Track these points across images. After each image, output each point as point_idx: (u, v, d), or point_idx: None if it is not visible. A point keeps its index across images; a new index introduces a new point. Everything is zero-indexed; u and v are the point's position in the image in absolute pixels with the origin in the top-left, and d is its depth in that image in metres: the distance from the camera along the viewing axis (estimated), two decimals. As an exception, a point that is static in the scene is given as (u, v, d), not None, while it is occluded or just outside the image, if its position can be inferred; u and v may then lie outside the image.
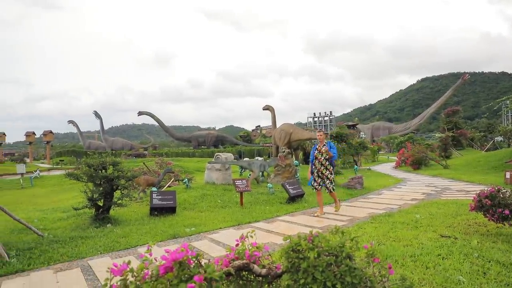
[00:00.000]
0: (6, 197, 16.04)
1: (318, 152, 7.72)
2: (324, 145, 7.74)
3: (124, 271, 1.50)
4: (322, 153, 7.61)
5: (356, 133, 25.90)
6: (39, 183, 22.59)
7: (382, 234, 5.56)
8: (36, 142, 55.06)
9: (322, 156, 7.64)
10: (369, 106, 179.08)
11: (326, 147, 7.66)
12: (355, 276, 1.97)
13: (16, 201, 15.30)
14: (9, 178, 24.37)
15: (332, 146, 7.78)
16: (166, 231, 6.62)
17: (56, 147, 65.99)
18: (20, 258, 5.12)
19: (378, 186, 12.76)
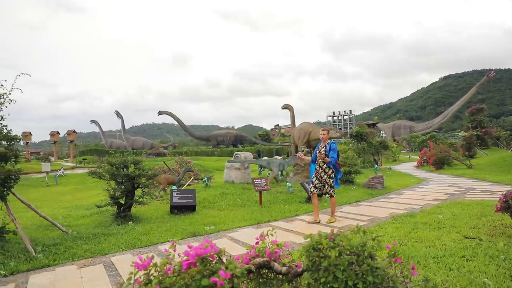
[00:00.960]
0: (33, 195, 16.55)
1: (319, 153, 7.03)
2: (325, 145, 6.99)
3: (148, 266, 1.53)
4: (322, 154, 6.95)
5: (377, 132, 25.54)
6: (63, 181, 23.22)
7: (404, 235, 5.46)
8: (60, 141, 56.61)
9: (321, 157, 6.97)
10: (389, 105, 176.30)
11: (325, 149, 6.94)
12: (377, 276, 1.95)
13: (42, 198, 15.77)
14: (35, 176, 25.12)
15: (333, 148, 6.92)
16: (186, 229, 6.70)
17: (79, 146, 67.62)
18: (46, 254, 5.28)
19: (399, 186, 12.55)
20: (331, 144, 6.95)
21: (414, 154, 37.72)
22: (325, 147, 6.93)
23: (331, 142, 6.99)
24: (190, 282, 1.48)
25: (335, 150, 6.93)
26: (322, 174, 6.93)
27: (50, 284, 4.22)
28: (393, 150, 29.55)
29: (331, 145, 6.93)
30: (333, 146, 6.91)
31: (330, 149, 6.86)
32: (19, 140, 6.18)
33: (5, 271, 4.60)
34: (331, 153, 6.82)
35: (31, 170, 27.18)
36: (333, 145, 6.92)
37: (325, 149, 6.90)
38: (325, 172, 6.92)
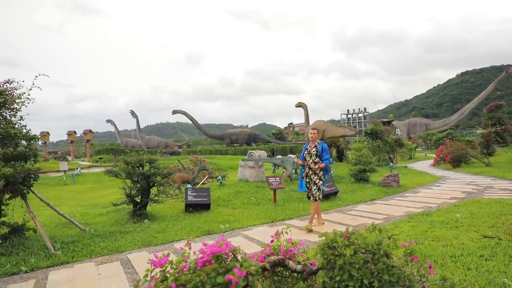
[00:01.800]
0: (51, 193, 16.90)
1: (308, 153, 6.47)
2: (316, 146, 6.42)
3: (164, 264, 1.55)
4: (311, 155, 6.40)
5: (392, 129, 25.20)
6: (80, 180, 23.63)
7: (420, 233, 5.39)
8: (77, 140, 57.60)
9: (311, 158, 6.41)
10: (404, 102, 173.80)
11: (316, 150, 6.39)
12: (393, 275, 1.93)
13: (60, 196, 16.09)
14: (53, 175, 25.63)
15: (325, 149, 6.37)
16: (201, 227, 6.75)
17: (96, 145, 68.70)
18: (65, 251, 5.40)
19: (415, 184, 12.38)
20: (322, 144, 6.41)
21: (430, 152, 37.13)
22: (316, 147, 6.40)
23: (321, 142, 6.46)
24: (205, 280, 1.50)
25: (328, 151, 6.42)
26: (312, 176, 6.41)
27: (69, 281, 4.31)
28: (408, 148, 29.14)
29: (322, 145, 6.41)
30: (324, 147, 6.40)
31: (323, 150, 6.34)
32: (38, 140, 6.32)
33: (26, 267, 4.72)
34: (324, 154, 6.33)
35: (49, 169, 27.74)
36: (324, 146, 6.42)
37: (316, 149, 6.37)
38: (316, 173, 6.39)
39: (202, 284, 1.49)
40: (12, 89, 5.88)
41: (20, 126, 5.93)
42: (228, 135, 52.34)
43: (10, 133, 5.56)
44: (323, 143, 6.46)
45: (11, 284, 4.28)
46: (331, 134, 18.70)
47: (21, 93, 5.97)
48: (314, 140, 6.49)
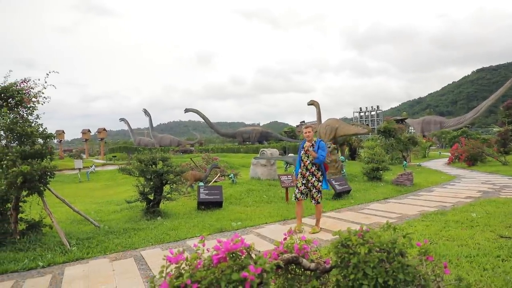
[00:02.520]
0: (66, 190, 17.18)
1: (304, 154, 6.18)
2: (313, 144, 6.14)
3: (179, 261, 1.56)
4: (309, 154, 6.10)
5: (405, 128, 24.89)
6: (95, 178, 23.97)
7: (434, 233, 5.33)
8: (91, 139, 58.40)
9: (308, 158, 6.11)
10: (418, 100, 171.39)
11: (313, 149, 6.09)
12: (408, 274, 1.91)
13: (75, 194, 16.35)
14: (68, 173, 26.05)
15: (322, 147, 6.08)
16: (213, 225, 6.79)
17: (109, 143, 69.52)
18: (80, 247, 5.49)
19: (429, 183, 12.22)
20: (319, 142, 6.14)
21: (444, 150, 36.59)
22: (312, 146, 6.11)
23: (318, 140, 6.18)
24: (220, 276, 1.51)
25: (324, 148, 6.15)
26: (309, 177, 6.10)
27: (84, 276, 4.38)
28: (422, 146, 28.76)
29: (319, 143, 6.13)
30: (321, 145, 6.13)
31: (319, 148, 6.07)
32: (54, 138, 6.44)
33: (43, 263, 4.82)
34: (320, 152, 6.04)
35: (64, 167, 28.18)
36: (321, 144, 6.15)
37: (312, 148, 6.09)
38: (314, 174, 6.09)
39: (217, 281, 1.50)
40: (29, 88, 6.00)
41: (36, 124, 6.05)
42: (240, 133, 52.44)
43: (27, 131, 5.67)
44: (321, 141, 6.19)
45: (29, 279, 4.38)
46: (344, 132, 18.58)
47: (37, 92, 6.09)
48: (310, 139, 6.18)
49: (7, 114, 5.68)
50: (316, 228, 6.18)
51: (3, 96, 5.76)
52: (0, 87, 5.75)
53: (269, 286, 1.66)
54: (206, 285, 1.49)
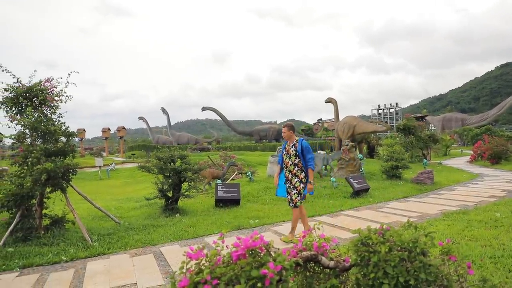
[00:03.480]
0: (87, 187, 17.55)
1: (286, 154, 5.58)
2: (294, 145, 5.52)
3: (200, 257, 1.58)
4: (290, 156, 5.50)
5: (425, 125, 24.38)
6: (115, 175, 24.40)
7: (456, 233, 5.22)
8: (111, 137, 59.47)
9: (290, 159, 5.49)
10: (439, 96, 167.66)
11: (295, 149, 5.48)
12: (430, 273, 1.88)
13: (96, 191, 16.69)
14: (89, 170, 26.61)
15: (306, 148, 5.44)
16: (231, 222, 6.82)
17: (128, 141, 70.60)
18: (101, 242, 5.62)
19: (450, 182, 11.95)
20: (301, 142, 5.50)
21: (466, 148, 35.71)
22: (294, 146, 5.50)
23: (300, 139, 5.56)
24: (240, 273, 1.51)
25: (309, 150, 5.48)
26: (292, 179, 5.51)
27: (105, 271, 4.48)
28: (443, 144, 28.13)
29: (302, 143, 5.50)
30: (305, 145, 5.49)
31: (303, 149, 5.42)
32: (75, 136, 6.59)
33: (66, 257, 4.95)
34: (306, 154, 5.42)
35: (85, 164, 28.80)
36: (304, 143, 5.52)
37: (294, 149, 5.46)
38: (296, 175, 5.48)
39: (236, 277, 1.51)
40: (52, 87, 6.15)
41: (59, 123, 6.20)
42: (257, 131, 52.41)
43: (51, 130, 5.83)
44: (303, 140, 5.58)
45: (53, 273, 4.50)
46: (362, 130, 18.36)
47: (60, 91, 6.23)
48: (290, 138, 5.61)
49: (32, 113, 5.84)
50: (289, 236, 5.54)
51: (28, 95, 5.92)
52: (25, 87, 5.91)
53: (288, 283, 1.66)
54: (225, 281, 1.50)
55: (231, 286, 1.49)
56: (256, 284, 1.52)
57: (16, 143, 6.10)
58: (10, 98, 5.87)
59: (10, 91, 5.90)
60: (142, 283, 4.04)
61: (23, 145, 5.90)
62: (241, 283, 1.49)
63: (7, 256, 4.99)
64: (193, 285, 1.51)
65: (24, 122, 5.71)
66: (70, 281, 4.20)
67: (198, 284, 1.50)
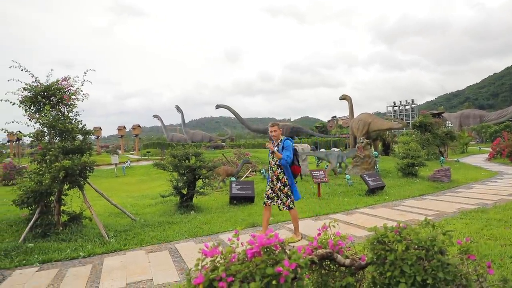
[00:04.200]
0: (103, 185, 17.82)
1: (270, 154, 5.53)
2: (278, 144, 5.43)
3: (215, 255, 1.58)
4: (274, 155, 5.45)
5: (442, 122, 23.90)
6: (130, 173, 24.71)
7: (475, 232, 5.11)
8: (126, 135, 60.23)
9: (273, 160, 5.46)
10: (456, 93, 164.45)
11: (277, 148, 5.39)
12: (448, 273, 1.85)
13: (111, 188, 16.93)
14: (105, 168, 27.01)
15: (286, 147, 5.33)
16: (245, 219, 6.83)
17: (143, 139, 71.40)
18: (118, 239, 5.70)
19: (468, 180, 11.71)
20: (284, 142, 5.40)
21: (485, 145, 34.97)
22: (278, 146, 5.42)
23: (285, 138, 5.45)
24: (255, 270, 1.51)
25: (289, 148, 5.35)
26: (275, 182, 5.45)
27: (122, 267, 4.54)
28: (461, 142, 27.59)
29: (284, 142, 5.39)
30: (286, 144, 5.37)
31: (283, 148, 5.34)
32: (92, 134, 6.69)
33: (84, 253, 5.04)
34: (284, 152, 5.30)
35: (101, 162, 29.23)
36: (287, 143, 5.39)
37: (277, 148, 5.39)
38: (279, 179, 5.41)
39: (251, 275, 1.51)
40: (69, 85, 6.26)
41: (76, 121, 6.31)
42: (270, 129, 52.29)
43: (68, 128, 5.93)
44: (287, 139, 5.46)
45: (71, 268, 4.59)
46: (377, 127, 18.14)
47: (76, 89, 6.33)
48: (277, 138, 5.51)
49: (50, 112, 5.95)
50: (294, 236, 5.45)
51: (45, 94, 6.03)
52: (43, 86, 6.02)
53: (303, 281, 1.65)
54: (240, 279, 1.50)
55: (246, 284, 1.49)
56: (271, 282, 1.52)
57: (35, 141, 6.23)
58: (29, 97, 6.00)
59: (28, 90, 6.03)
60: (158, 279, 4.08)
61: (42, 143, 6.03)
62: (256, 281, 1.49)
63: (27, 251, 5.11)
64: (208, 282, 1.51)
65: (42, 121, 5.83)
66: (87, 277, 4.28)
67: (213, 281, 1.51)
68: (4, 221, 6.76)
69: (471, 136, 36.40)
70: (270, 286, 1.50)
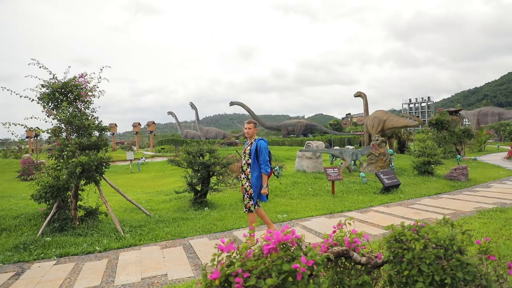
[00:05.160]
0: (119, 180, 18.07)
1: (243, 152, 5.16)
2: (252, 143, 5.06)
3: (231, 250, 1.58)
4: (245, 155, 5.09)
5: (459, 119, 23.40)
6: (145, 169, 24.99)
7: (493, 231, 5.01)
8: (141, 131, 60.90)
9: (245, 159, 5.09)
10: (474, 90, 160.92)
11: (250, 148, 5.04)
12: (467, 272, 1.81)
13: (127, 184, 17.15)
14: (120, 164, 27.38)
15: (260, 149, 4.92)
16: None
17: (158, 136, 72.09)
18: (133, 234, 5.77)
19: (486, 178, 11.47)
20: (258, 142, 4.98)
21: (503, 144, 34.18)
22: (250, 145, 5.05)
23: (258, 138, 5.05)
24: (271, 266, 1.51)
25: (265, 149, 4.95)
26: (244, 181, 5.09)
27: (137, 262, 4.60)
28: (478, 140, 27.03)
29: (258, 142, 4.98)
30: (261, 145, 4.95)
31: (257, 149, 4.93)
32: (108, 131, 6.77)
33: (100, 248, 5.12)
34: (261, 157, 4.89)
35: (117, 158, 29.63)
36: (261, 144, 4.97)
37: (250, 147, 5.03)
38: (248, 178, 5.04)
39: (267, 271, 1.50)
40: (85, 82, 6.34)
41: (92, 117, 6.39)
42: (284, 126, 52.21)
43: (85, 124, 6.01)
44: (261, 139, 5.06)
45: (88, 262, 4.67)
46: (392, 125, 17.90)
47: (93, 86, 6.42)
48: (251, 136, 5.11)
49: (67, 108, 6.05)
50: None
51: (63, 91, 6.12)
52: (61, 83, 6.12)
53: (320, 278, 1.64)
54: (257, 275, 1.50)
55: (262, 280, 1.49)
56: (287, 278, 1.51)
57: (53, 137, 6.34)
58: (47, 93, 6.09)
59: (46, 87, 6.13)
60: (172, 274, 4.12)
61: (59, 139, 6.13)
62: (272, 277, 1.48)
63: (45, 245, 5.23)
64: (224, 277, 1.51)
65: (60, 117, 5.92)
66: (103, 271, 4.34)
67: (229, 276, 1.51)
68: (23, 215, 6.92)
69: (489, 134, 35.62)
70: (287, 283, 1.50)
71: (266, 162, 4.90)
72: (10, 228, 6.24)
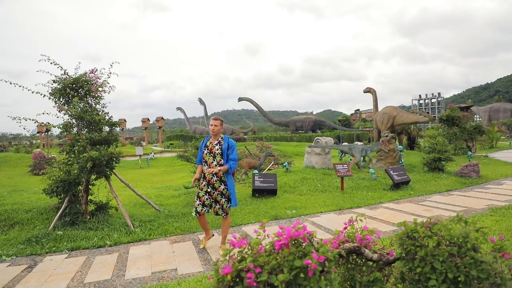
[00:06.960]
0: (128, 175, 18.23)
1: (209, 153, 4.76)
2: (219, 142, 4.78)
3: (242, 246, 1.58)
4: (215, 155, 4.72)
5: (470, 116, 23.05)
6: (154, 164, 25.18)
7: (506, 229, 4.94)
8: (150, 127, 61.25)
9: (215, 159, 4.71)
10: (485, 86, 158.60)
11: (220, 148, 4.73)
12: (481, 270, 1.79)
13: (136, 179, 17.30)
14: (130, 159, 27.62)
15: (231, 146, 4.75)
16: (268, 212, 6.84)
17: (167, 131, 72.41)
18: (143, 229, 5.81)
19: (498, 175, 11.32)
20: (227, 140, 4.80)
21: (516, 140, 33.66)
22: (219, 144, 4.77)
23: (226, 136, 4.86)
24: (283, 262, 1.50)
25: (234, 148, 4.79)
26: (217, 184, 4.71)
27: (147, 256, 4.64)
28: (490, 136, 26.65)
29: (229, 141, 4.80)
30: (231, 143, 4.79)
31: (229, 147, 4.73)
32: (118, 126, 6.81)
33: (110, 242, 5.18)
34: (230, 154, 4.72)
35: (126, 153, 29.88)
36: (231, 142, 4.81)
37: (220, 148, 4.73)
38: (222, 181, 4.72)
39: (279, 267, 1.50)
40: (96, 78, 6.38)
41: (103, 113, 6.43)
42: (293, 121, 52.07)
43: (95, 119, 6.06)
44: (229, 138, 4.90)
45: (98, 256, 4.73)
46: (402, 121, 17.74)
47: (103, 81, 6.46)
48: (216, 134, 4.82)
49: (78, 104, 6.10)
50: (222, 246, 4.80)
51: (74, 86, 6.17)
52: (72, 78, 6.16)
53: (331, 274, 1.63)
54: (268, 270, 1.49)
55: (273, 275, 1.48)
56: (299, 274, 1.51)
57: (64, 132, 6.40)
58: (58, 89, 6.14)
59: (58, 82, 6.18)
60: (182, 269, 4.14)
61: (70, 134, 6.19)
62: (284, 273, 1.48)
63: (56, 239, 5.30)
64: (236, 273, 1.51)
65: (71, 112, 5.97)
66: (114, 265, 4.39)
67: (241, 272, 1.51)
68: (35, 209, 7.01)
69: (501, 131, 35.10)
70: (298, 279, 1.49)
71: (236, 159, 4.74)
72: (22, 222, 6.34)
